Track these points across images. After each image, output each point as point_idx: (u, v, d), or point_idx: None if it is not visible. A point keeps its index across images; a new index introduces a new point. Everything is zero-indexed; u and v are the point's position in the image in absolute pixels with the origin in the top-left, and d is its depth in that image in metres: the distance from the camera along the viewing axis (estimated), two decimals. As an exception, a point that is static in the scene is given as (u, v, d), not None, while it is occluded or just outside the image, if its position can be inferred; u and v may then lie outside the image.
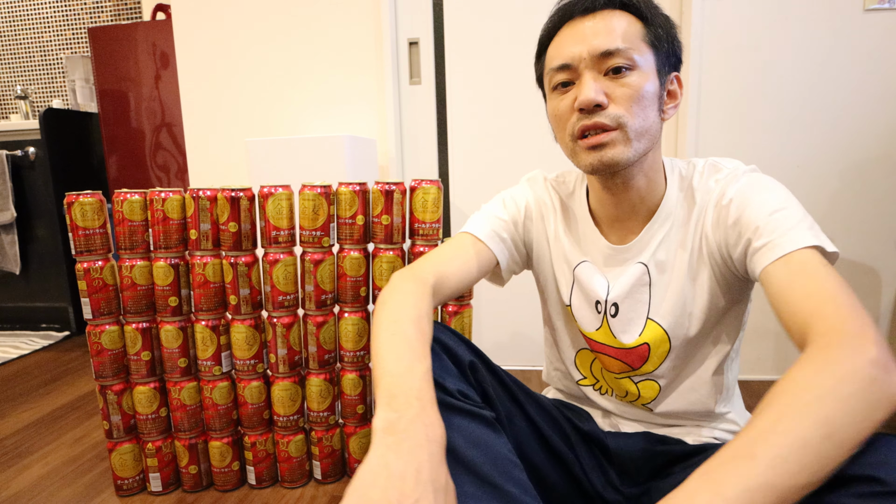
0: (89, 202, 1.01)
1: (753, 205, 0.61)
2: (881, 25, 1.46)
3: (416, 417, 0.48)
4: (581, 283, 0.76)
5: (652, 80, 0.63)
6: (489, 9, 1.66)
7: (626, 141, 0.63)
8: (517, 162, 1.71)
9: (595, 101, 0.61)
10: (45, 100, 2.70)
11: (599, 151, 0.63)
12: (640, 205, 0.71)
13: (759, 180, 0.64)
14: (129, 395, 1.09)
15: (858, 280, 1.57)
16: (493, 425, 0.60)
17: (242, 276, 1.04)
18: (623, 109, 0.62)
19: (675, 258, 0.69)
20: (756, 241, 0.58)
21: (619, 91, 0.62)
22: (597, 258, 0.75)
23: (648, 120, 0.64)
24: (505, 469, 0.56)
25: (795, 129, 1.54)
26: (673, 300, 0.69)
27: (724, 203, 0.64)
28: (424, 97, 1.75)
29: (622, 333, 0.73)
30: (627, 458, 0.74)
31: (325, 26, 1.75)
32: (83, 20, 2.59)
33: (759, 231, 0.58)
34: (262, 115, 1.84)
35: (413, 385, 0.52)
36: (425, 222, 1.06)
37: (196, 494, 1.13)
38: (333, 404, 1.12)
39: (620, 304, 0.72)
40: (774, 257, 0.55)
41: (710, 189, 0.67)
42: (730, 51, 1.52)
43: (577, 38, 0.63)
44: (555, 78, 0.66)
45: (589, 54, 0.62)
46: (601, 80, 0.63)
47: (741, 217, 0.61)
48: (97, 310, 1.04)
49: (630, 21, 0.63)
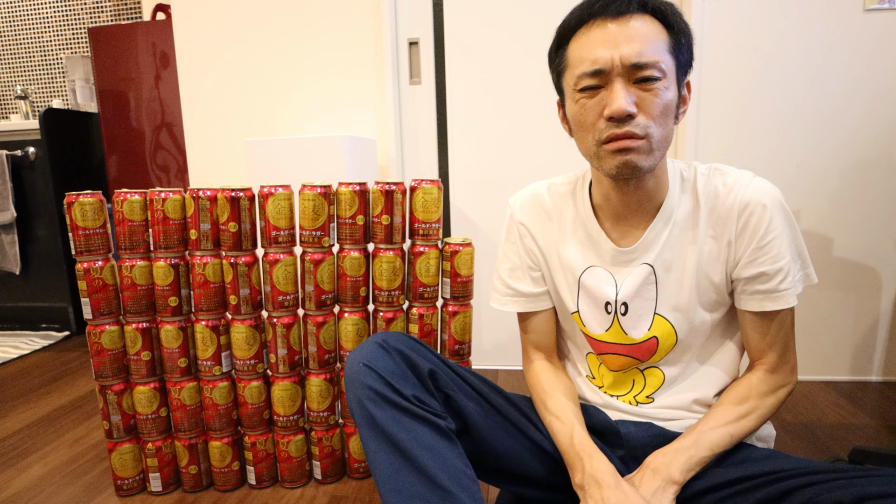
0: (89, 202, 1.01)
1: (781, 243, 0.68)
2: (881, 25, 1.46)
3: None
4: (588, 289, 0.78)
5: (673, 88, 0.66)
6: (489, 9, 1.66)
7: (650, 150, 0.65)
8: (517, 161, 1.71)
9: (628, 113, 0.63)
10: (45, 100, 2.70)
11: (625, 156, 0.65)
12: (646, 203, 0.73)
13: (785, 209, 0.69)
14: (129, 395, 1.09)
15: (858, 280, 1.57)
16: (447, 435, 0.66)
17: (242, 276, 1.04)
18: (650, 120, 0.64)
19: (683, 258, 0.73)
20: (761, 283, 0.69)
21: (647, 101, 0.64)
22: (604, 259, 0.77)
23: (668, 128, 0.66)
24: (456, 476, 0.62)
25: (795, 128, 1.54)
26: (679, 297, 0.73)
27: (752, 216, 0.69)
28: (424, 97, 1.75)
29: (632, 329, 0.76)
30: (637, 444, 0.75)
31: (326, 26, 1.75)
32: (83, 20, 2.59)
33: (770, 277, 0.68)
34: (262, 115, 1.84)
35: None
36: (425, 222, 1.06)
37: (196, 494, 1.13)
38: (333, 404, 1.12)
39: (630, 302, 0.75)
40: (766, 308, 0.70)
41: (719, 192, 0.71)
42: (730, 51, 1.52)
43: (609, 42, 0.64)
44: (583, 81, 0.66)
45: (622, 62, 0.63)
46: (631, 88, 0.64)
47: (767, 249, 0.68)
48: (97, 310, 1.04)
49: (657, 29, 0.64)
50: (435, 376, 0.70)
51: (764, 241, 0.68)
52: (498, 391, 0.80)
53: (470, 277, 1.07)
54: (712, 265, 0.72)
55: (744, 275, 0.70)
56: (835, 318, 1.60)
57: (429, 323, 1.09)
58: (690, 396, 0.76)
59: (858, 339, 1.61)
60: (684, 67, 0.68)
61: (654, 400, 0.78)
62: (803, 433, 1.30)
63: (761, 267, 0.69)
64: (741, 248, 0.70)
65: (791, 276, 0.69)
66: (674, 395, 0.77)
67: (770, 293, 0.69)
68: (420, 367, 0.69)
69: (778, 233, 0.68)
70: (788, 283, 0.68)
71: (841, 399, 1.49)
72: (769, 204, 0.68)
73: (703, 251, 0.72)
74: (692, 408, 0.76)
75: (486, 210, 1.77)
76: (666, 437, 0.74)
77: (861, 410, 1.41)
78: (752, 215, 0.68)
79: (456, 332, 1.09)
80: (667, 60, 0.64)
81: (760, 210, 0.68)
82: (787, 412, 1.41)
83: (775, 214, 0.68)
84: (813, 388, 1.56)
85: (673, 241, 0.73)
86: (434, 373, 0.69)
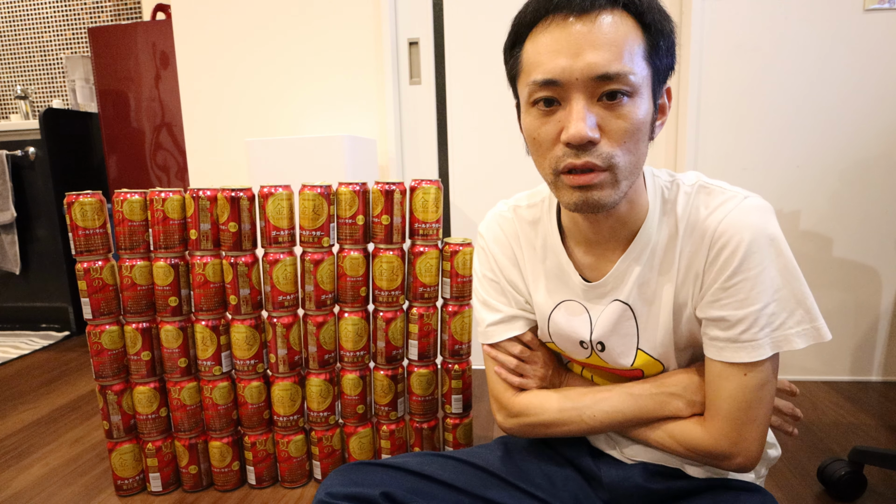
0: (89, 202, 1.01)
1: (752, 287, 0.56)
2: (881, 25, 1.46)
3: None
4: (559, 327, 0.70)
5: (647, 103, 0.54)
6: (489, 8, 1.66)
7: (615, 183, 0.55)
8: (517, 161, 1.71)
9: (588, 139, 0.52)
10: (45, 100, 2.70)
11: (585, 192, 0.55)
12: (620, 230, 0.63)
13: (767, 245, 0.56)
14: (129, 395, 1.09)
15: (858, 280, 1.57)
16: None
17: (242, 276, 1.04)
18: (616, 146, 0.53)
19: (661, 290, 0.63)
20: (721, 328, 0.58)
21: (613, 124, 0.53)
22: (576, 293, 0.69)
23: (639, 153, 0.56)
24: None
25: (795, 128, 1.54)
26: (661, 333, 0.64)
27: (724, 249, 0.57)
28: (424, 97, 1.75)
29: (613, 362, 0.69)
30: (622, 494, 0.70)
31: (325, 26, 1.75)
32: (83, 20, 2.59)
33: (731, 325, 0.57)
34: (262, 115, 1.84)
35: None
36: (425, 222, 1.06)
37: (196, 494, 1.13)
38: (333, 404, 1.12)
39: (606, 340, 0.67)
40: (724, 358, 0.58)
41: (699, 215, 0.60)
42: (730, 51, 1.52)
43: (569, 47, 0.52)
44: (536, 94, 0.55)
45: (582, 74, 0.51)
46: (594, 107, 0.53)
47: (733, 292, 0.57)
48: (97, 310, 1.04)
49: (631, 29, 0.53)
50: (391, 497, 0.64)
51: (731, 281, 0.57)
52: (475, 470, 0.72)
53: (470, 277, 1.07)
54: (685, 300, 0.62)
55: (705, 315, 0.60)
56: (835, 318, 1.60)
57: (428, 323, 1.09)
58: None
59: (858, 339, 1.61)
60: (663, 74, 0.57)
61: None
62: (803, 433, 1.30)
63: (723, 311, 0.57)
64: (707, 283, 0.59)
65: (762, 326, 0.56)
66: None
67: (731, 342, 0.57)
68: (371, 498, 0.63)
69: (752, 274, 0.56)
70: (753, 333, 0.56)
71: (841, 399, 1.49)
72: (749, 237, 0.55)
73: (678, 284, 0.62)
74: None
75: (487, 210, 1.75)
76: (653, 489, 0.68)
77: (861, 410, 1.41)
78: (724, 249, 0.57)
79: (455, 332, 1.09)
80: (640, 70, 0.53)
81: (735, 244, 0.56)
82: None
83: (754, 251, 0.55)
84: (813, 388, 1.56)
85: (648, 273, 0.63)
86: (388, 495, 0.64)
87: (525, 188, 0.86)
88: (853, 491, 1.05)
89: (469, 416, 1.16)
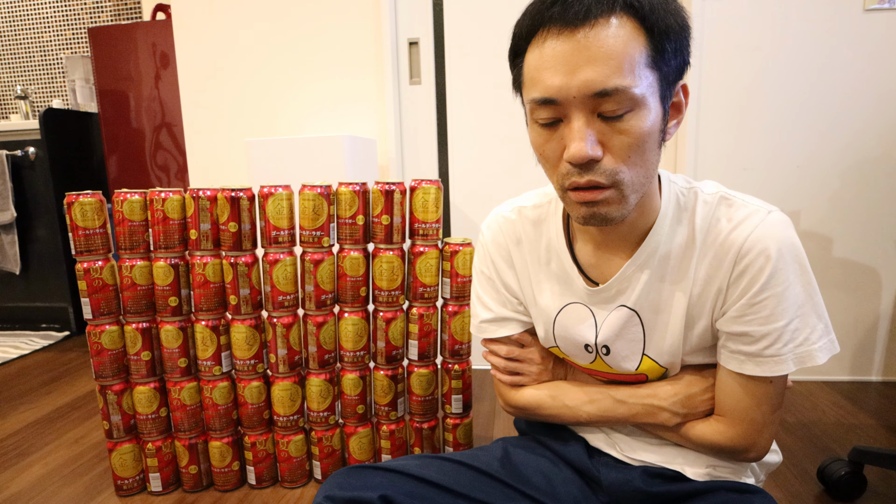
0: (89, 202, 1.01)
1: (778, 304, 0.56)
2: (881, 25, 1.46)
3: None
4: (564, 331, 0.70)
5: (653, 111, 0.52)
6: (489, 9, 1.66)
7: (621, 199, 0.54)
8: (517, 161, 1.71)
9: (589, 158, 0.51)
10: (45, 100, 2.70)
11: (591, 207, 0.55)
12: (629, 234, 0.63)
13: (792, 261, 0.57)
14: (129, 395, 1.09)
15: (858, 280, 1.57)
16: None
17: (242, 276, 1.04)
18: (620, 162, 0.52)
19: (672, 299, 0.63)
20: (745, 343, 0.59)
21: (616, 140, 0.52)
22: (581, 296, 0.68)
23: (647, 164, 0.54)
24: None
25: (796, 129, 1.54)
26: (669, 342, 0.64)
27: (751, 265, 0.57)
28: (424, 97, 1.75)
29: (618, 366, 0.69)
30: (622, 496, 0.70)
31: (326, 26, 1.75)
32: (83, 20, 2.59)
33: (755, 340, 0.58)
34: (262, 115, 1.84)
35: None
36: (425, 222, 1.06)
37: (196, 494, 1.13)
38: (333, 404, 1.12)
39: (612, 345, 0.67)
40: (745, 371, 0.60)
41: (721, 228, 0.59)
42: (730, 51, 1.52)
43: (565, 63, 0.50)
44: (535, 112, 0.54)
45: (579, 92, 0.50)
46: (594, 123, 0.52)
47: (759, 308, 0.57)
48: (97, 310, 1.04)
49: (632, 36, 0.50)
50: (389, 500, 0.64)
51: (758, 297, 0.56)
52: (474, 473, 0.71)
53: (470, 277, 1.07)
54: (700, 311, 0.62)
55: (727, 329, 0.60)
56: (835, 318, 1.60)
57: (428, 323, 1.09)
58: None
59: (858, 339, 1.61)
60: (674, 75, 0.54)
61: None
62: (803, 433, 1.30)
63: (748, 326, 0.58)
64: (731, 298, 0.59)
65: (785, 342, 0.57)
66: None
67: (753, 356, 0.58)
68: (369, 502, 0.63)
69: (779, 290, 0.56)
70: (776, 349, 0.57)
71: (841, 399, 1.49)
72: (776, 254, 0.55)
73: (693, 294, 0.61)
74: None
75: (486, 210, 1.76)
76: (653, 493, 0.68)
77: (861, 410, 1.41)
78: (752, 265, 0.56)
79: (455, 332, 1.09)
80: (643, 80, 0.50)
81: (763, 260, 0.56)
82: (787, 412, 1.41)
83: (781, 268, 0.55)
84: (813, 388, 1.56)
85: (657, 281, 0.63)
86: (387, 498, 0.63)
87: (525, 188, 0.85)
88: (853, 491, 1.05)
89: (469, 416, 1.16)
